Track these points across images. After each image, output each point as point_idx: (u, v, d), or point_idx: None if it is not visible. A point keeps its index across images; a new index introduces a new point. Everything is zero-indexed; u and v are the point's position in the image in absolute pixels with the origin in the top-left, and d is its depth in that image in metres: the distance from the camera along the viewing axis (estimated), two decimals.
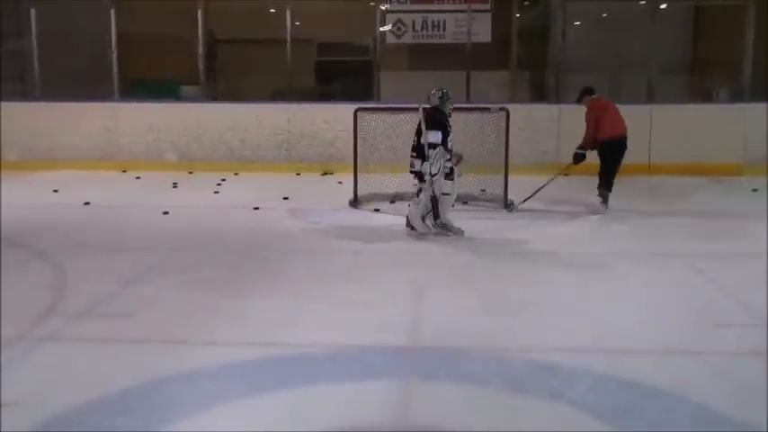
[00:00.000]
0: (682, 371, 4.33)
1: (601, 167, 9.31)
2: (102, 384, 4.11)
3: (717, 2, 13.63)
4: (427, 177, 7.63)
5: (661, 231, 8.03)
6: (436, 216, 7.76)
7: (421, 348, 4.71)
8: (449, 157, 7.70)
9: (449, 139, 7.74)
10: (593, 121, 9.34)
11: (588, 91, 9.62)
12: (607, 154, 9.30)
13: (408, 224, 7.88)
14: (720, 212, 9.16)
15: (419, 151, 7.68)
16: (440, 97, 7.89)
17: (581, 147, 9.39)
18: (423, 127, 7.68)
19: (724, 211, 9.23)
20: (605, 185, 9.25)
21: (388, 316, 5.21)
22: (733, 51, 12.65)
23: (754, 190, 10.40)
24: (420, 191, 7.77)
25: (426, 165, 7.59)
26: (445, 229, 7.77)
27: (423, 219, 7.84)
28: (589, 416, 3.79)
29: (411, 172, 7.80)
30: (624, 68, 13.66)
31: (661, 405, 3.92)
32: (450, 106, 7.93)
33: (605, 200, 9.19)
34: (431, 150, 7.57)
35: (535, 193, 9.07)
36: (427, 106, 7.88)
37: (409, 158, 7.83)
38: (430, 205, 7.74)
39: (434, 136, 7.59)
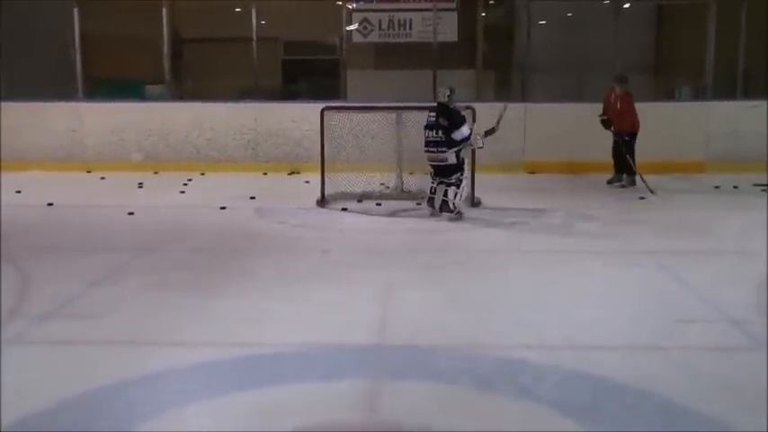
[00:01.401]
0: (647, 366, 4.37)
1: (628, 156, 10.43)
2: (67, 387, 4.06)
3: (679, 1, 13.80)
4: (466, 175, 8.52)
5: (628, 228, 8.11)
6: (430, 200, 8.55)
7: (389, 347, 4.71)
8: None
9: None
10: (633, 108, 10.49)
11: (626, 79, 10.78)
12: (633, 144, 10.46)
13: (431, 204, 8.58)
14: (685, 209, 9.27)
15: (449, 144, 8.38)
16: (448, 95, 8.53)
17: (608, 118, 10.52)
18: (442, 122, 8.42)
19: (688, 208, 9.34)
20: (632, 171, 10.42)
21: (356, 315, 5.20)
22: (695, 50, 12.82)
23: (716, 187, 10.55)
24: (459, 180, 8.44)
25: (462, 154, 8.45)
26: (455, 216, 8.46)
27: (456, 208, 8.46)
28: (557, 412, 3.81)
29: (443, 167, 8.46)
30: (589, 68, 13.78)
31: (627, 400, 3.95)
32: (456, 101, 8.59)
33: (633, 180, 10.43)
34: (470, 139, 8.46)
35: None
36: (442, 101, 8.55)
37: (433, 154, 8.49)
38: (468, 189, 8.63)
39: (466, 129, 8.45)
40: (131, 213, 8.72)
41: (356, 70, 13.63)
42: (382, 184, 9.81)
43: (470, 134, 8.51)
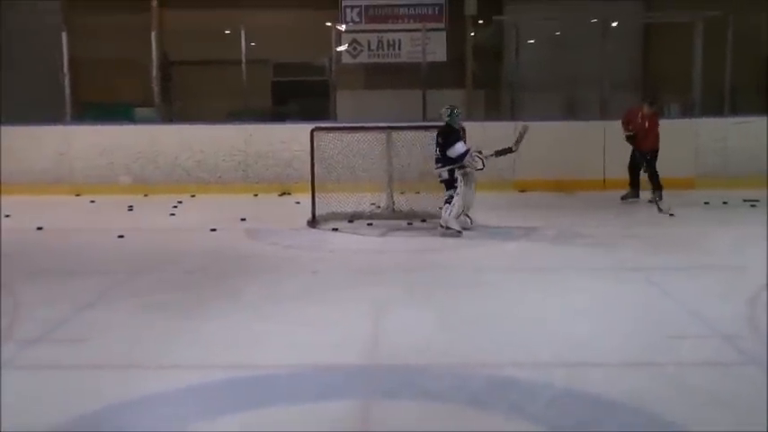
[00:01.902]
0: (639, 383, 4.37)
1: (653, 174, 10.60)
2: (57, 411, 4.03)
3: (666, 20, 13.93)
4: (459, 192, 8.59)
5: (617, 245, 8.13)
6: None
7: (380, 367, 4.70)
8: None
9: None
10: (658, 127, 10.70)
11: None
12: (655, 161, 10.65)
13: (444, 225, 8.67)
14: (675, 225, 9.31)
15: (444, 161, 8.59)
16: (449, 115, 8.73)
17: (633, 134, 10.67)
18: (439, 140, 8.65)
19: (678, 224, 9.38)
20: (660, 187, 10.55)
21: (347, 335, 5.19)
22: (683, 67, 12.92)
23: (706, 203, 10.60)
24: (450, 197, 8.62)
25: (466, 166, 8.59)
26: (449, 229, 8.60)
27: (457, 217, 8.65)
28: (550, 431, 3.81)
29: (441, 182, 8.72)
30: (577, 86, 13.88)
31: (621, 418, 3.95)
32: (458, 121, 8.78)
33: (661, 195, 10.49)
34: (467, 158, 8.57)
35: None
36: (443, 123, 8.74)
37: (435, 171, 8.75)
38: (462, 204, 8.68)
39: (459, 146, 8.56)
40: (121, 236, 8.70)
41: (346, 91, 13.70)
42: (373, 204, 9.82)
43: (466, 152, 8.58)
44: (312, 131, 9.66)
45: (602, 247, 8.09)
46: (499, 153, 8.94)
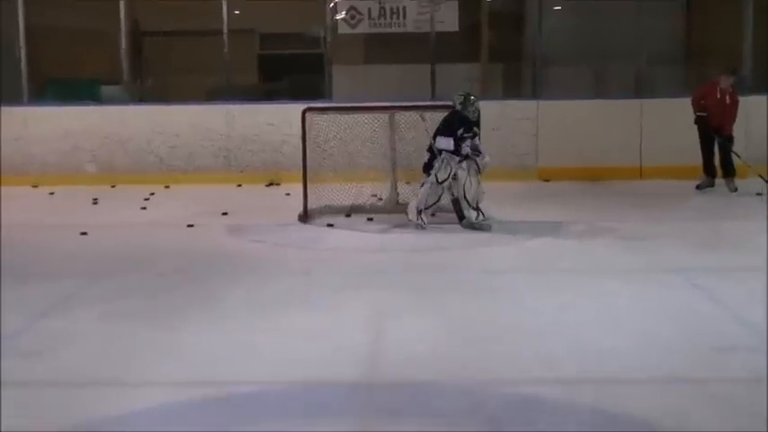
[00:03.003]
0: (679, 401, 4.35)
1: (728, 158, 10.81)
2: None
3: None
4: (432, 180, 8.67)
5: (655, 243, 8.11)
6: (461, 218, 8.78)
7: (381, 383, 4.70)
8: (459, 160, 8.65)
9: (466, 144, 8.64)
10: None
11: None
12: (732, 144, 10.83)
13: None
14: (721, 220, 9.29)
15: (431, 151, 8.77)
16: (461, 102, 8.76)
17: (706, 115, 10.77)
18: (440, 126, 8.78)
19: (725, 219, 9.36)
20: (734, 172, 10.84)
21: (343, 346, 5.19)
22: (730, 39, 12.86)
23: (759, 194, 10.55)
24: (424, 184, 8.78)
25: (436, 166, 8.65)
26: (473, 228, 8.69)
27: (419, 211, 8.73)
28: None
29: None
30: (610, 59, 13.83)
31: None
32: (473, 109, 8.77)
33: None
34: (438, 156, 8.63)
35: None
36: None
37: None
38: (430, 201, 8.79)
39: (443, 141, 8.62)
40: (84, 234, 8.70)
41: (343, 66, 13.65)
42: (374, 195, 9.81)
43: (453, 148, 8.59)
44: (304, 112, 9.63)
45: (638, 245, 8.07)
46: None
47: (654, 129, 12.02)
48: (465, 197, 8.72)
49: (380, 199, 9.76)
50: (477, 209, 8.77)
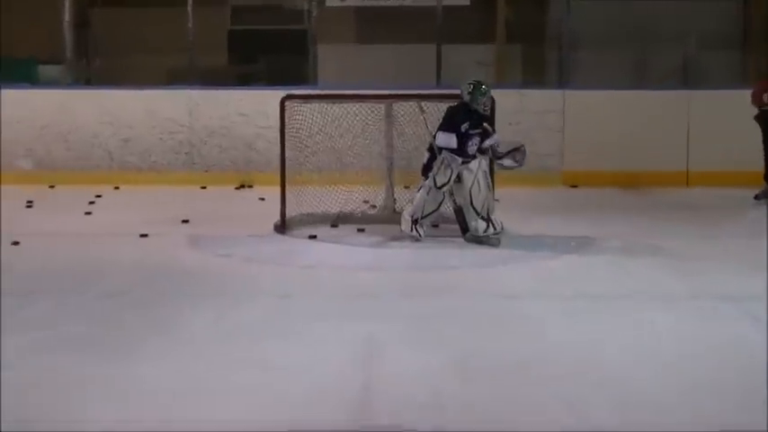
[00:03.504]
0: None
1: None
2: None
3: None
4: (429, 185, 8.73)
5: (705, 264, 8.11)
6: (464, 231, 8.84)
7: (372, 429, 4.68)
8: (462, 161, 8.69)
9: (473, 143, 8.71)
10: None
11: None
12: None
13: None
14: None
15: (432, 151, 8.84)
16: (469, 92, 8.77)
17: None
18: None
19: None
20: None
21: (327, 386, 5.17)
22: None
23: None
24: (422, 188, 8.86)
25: (435, 168, 8.70)
26: (478, 242, 8.74)
27: (415, 221, 8.81)
28: None
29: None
30: (652, 41, 13.85)
31: None
32: (485, 101, 8.79)
33: None
34: (438, 155, 8.69)
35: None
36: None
37: None
38: (427, 209, 8.82)
39: (443, 138, 8.68)
40: (16, 243, 8.70)
41: (330, 45, 13.69)
42: (366, 202, 9.82)
43: (456, 146, 8.63)
44: (283, 100, 9.65)
45: (684, 266, 8.07)
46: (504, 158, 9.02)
47: (704, 126, 12.03)
48: (472, 204, 8.71)
49: (374, 206, 9.77)
50: (488, 219, 8.75)
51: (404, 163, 9.66)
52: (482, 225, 8.71)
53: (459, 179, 8.70)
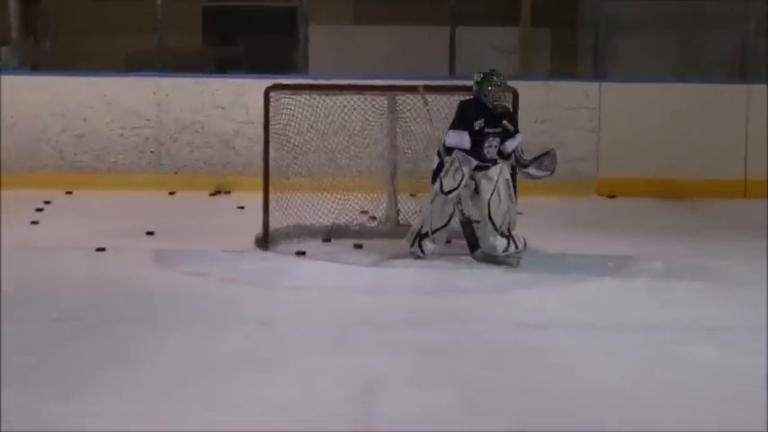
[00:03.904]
0: None
1: None
2: None
3: None
4: (436, 190, 8.70)
5: (762, 291, 8.13)
6: (472, 247, 8.81)
7: None
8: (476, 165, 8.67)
9: (489, 144, 8.76)
10: None
11: None
12: None
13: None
14: None
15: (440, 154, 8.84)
16: (478, 83, 8.83)
17: None
18: None
19: None
20: None
21: (316, 427, 5.21)
22: None
23: None
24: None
25: (444, 169, 8.64)
26: (492, 261, 8.71)
27: (418, 238, 8.84)
28: None
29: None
30: (704, 26, 13.86)
31: None
32: (491, 94, 8.77)
33: None
34: (447, 157, 8.65)
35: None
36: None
37: None
38: (436, 223, 8.80)
39: (453, 137, 8.71)
40: None
41: (324, 26, 13.71)
42: (364, 212, 9.84)
43: (469, 146, 8.65)
44: (267, 91, 9.66)
45: (739, 293, 8.09)
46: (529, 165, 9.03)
47: (765, 127, 12.02)
48: (490, 218, 8.67)
49: (373, 218, 9.80)
50: (509, 236, 8.73)
51: (409, 167, 9.69)
52: (501, 243, 8.67)
53: (476, 190, 8.71)
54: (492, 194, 8.66)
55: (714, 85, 12.38)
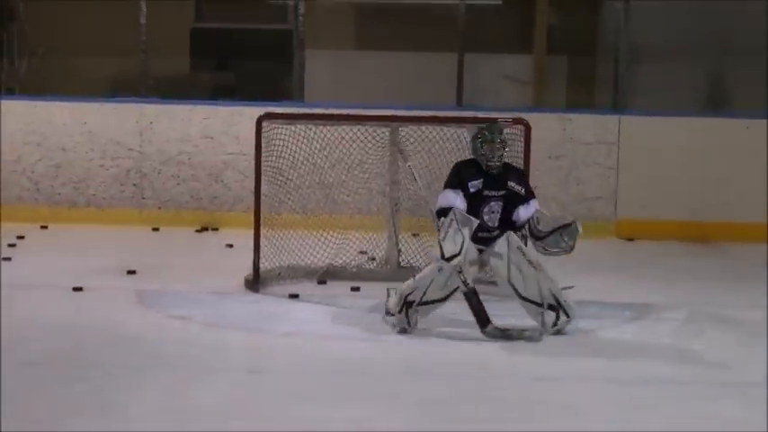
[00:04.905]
0: None
1: None
2: None
3: None
4: (437, 254, 8.04)
5: None
6: (482, 322, 7.97)
7: None
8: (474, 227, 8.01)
9: (490, 209, 8.17)
10: None
11: None
12: None
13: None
14: None
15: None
16: (471, 140, 8.34)
17: None
18: None
19: None
20: None
21: None
22: None
23: None
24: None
25: (443, 230, 7.95)
26: (507, 338, 7.98)
27: (405, 303, 8.09)
28: None
29: None
30: (732, 55, 13.90)
31: None
32: (485, 151, 8.16)
33: None
34: (442, 219, 8.01)
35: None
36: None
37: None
38: (431, 294, 8.08)
39: (444, 198, 8.14)
40: None
41: (322, 51, 13.74)
42: (363, 252, 9.83)
43: (453, 211, 7.99)
44: (260, 120, 9.68)
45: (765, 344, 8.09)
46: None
47: None
48: (523, 298, 8.17)
49: (372, 258, 9.81)
50: (558, 306, 8.22)
51: (412, 203, 9.66)
52: (550, 318, 8.15)
53: (483, 264, 8.25)
54: (509, 273, 8.14)
55: (742, 120, 12.37)
